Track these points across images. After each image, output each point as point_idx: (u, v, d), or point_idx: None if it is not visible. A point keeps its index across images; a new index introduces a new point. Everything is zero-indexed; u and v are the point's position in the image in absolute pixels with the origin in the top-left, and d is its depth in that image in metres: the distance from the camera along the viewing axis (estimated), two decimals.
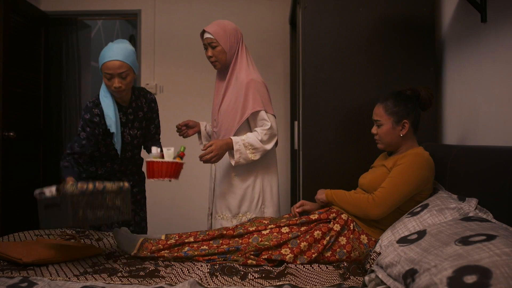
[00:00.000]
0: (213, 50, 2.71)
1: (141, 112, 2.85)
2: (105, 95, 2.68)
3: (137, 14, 4.86)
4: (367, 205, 2.21)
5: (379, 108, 2.34)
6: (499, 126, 2.22)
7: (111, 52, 2.57)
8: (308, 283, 1.89)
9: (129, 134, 2.80)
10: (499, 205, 1.78)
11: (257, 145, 2.64)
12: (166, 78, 4.78)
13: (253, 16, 4.74)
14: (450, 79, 2.85)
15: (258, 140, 2.65)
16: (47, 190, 2.27)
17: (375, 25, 2.96)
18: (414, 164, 2.20)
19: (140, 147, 2.97)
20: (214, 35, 2.68)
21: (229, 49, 2.71)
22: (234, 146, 2.64)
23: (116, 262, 2.21)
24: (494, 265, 1.21)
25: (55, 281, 1.87)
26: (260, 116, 2.66)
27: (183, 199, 4.76)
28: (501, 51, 2.21)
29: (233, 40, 2.72)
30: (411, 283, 1.40)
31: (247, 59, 2.76)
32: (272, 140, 2.69)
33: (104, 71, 2.58)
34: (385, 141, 2.34)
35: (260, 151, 2.66)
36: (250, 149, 2.65)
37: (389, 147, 2.36)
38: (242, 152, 2.64)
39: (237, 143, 2.64)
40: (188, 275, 1.98)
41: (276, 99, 4.68)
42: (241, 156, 2.64)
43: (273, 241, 2.22)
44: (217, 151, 2.61)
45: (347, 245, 2.22)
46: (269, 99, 2.73)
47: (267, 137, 2.66)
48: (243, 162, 2.66)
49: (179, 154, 2.60)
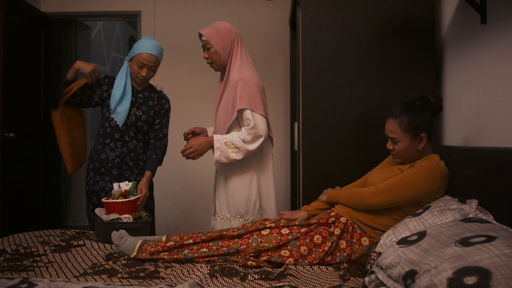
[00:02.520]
0: (208, 52, 2.74)
1: (151, 101, 3.11)
2: (121, 78, 3.03)
3: (137, 15, 4.87)
4: (367, 193, 2.25)
5: (394, 124, 2.28)
6: (500, 127, 2.22)
7: (149, 45, 2.94)
8: (308, 284, 1.89)
9: (135, 114, 3.04)
10: (500, 206, 1.78)
11: (239, 145, 2.63)
12: (166, 79, 4.78)
13: (253, 17, 4.74)
14: (450, 80, 2.85)
15: (240, 140, 2.63)
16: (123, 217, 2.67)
17: (375, 26, 2.96)
18: (429, 170, 2.18)
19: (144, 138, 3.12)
20: (206, 37, 2.72)
21: (222, 50, 2.72)
22: (214, 144, 2.66)
23: (116, 263, 2.20)
24: (494, 266, 1.21)
25: (55, 282, 1.87)
26: (245, 115, 2.64)
27: (190, 200, 4.76)
28: (501, 52, 2.21)
29: (227, 41, 2.73)
30: (411, 284, 1.40)
31: (241, 59, 2.75)
32: (257, 140, 2.65)
33: (138, 60, 2.94)
34: (404, 156, 2.31)
35: (242, 151, 2.65)
36: (232, 147, 2.65)
37: (408, 161, 2.33)
38: (223, 150, 2.65)
39: (218, 141, 2.66)
40: (188, 276, 1.98)
41: (276, 100, 4.69)
42: (222, 155, 2.65)
43: (273, 242, 2.22)
44: (196, 147, 2.67)
45: (347, 248, 2.22)
46: (259, 98, 2.68)
47: (251, 137, 2.63)
48: (224, 161, 2.67)
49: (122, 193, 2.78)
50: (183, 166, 4.59)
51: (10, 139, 3.95)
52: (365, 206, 2.26)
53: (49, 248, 2.45)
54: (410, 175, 2.20)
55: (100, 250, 2.46)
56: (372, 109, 2.93)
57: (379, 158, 2.70)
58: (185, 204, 4.76)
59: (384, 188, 2.21)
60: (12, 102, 4.04)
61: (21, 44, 4.32)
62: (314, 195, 2.71)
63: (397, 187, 2.19)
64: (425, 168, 2.19)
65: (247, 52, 2.81)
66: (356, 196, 2.30)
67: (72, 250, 2.43)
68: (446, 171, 2.22)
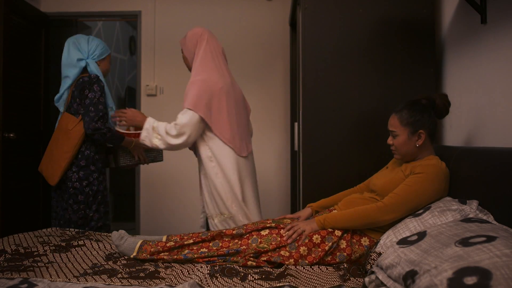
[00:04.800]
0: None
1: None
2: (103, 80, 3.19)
3: (137, 15, 4.86)
4: (378, 212, 2.17)
5: (394, 118, 2.30)
6: (500, 127, 2.22)
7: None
8: (308, 285, 1.89)
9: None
10: (500, 206, 1.78)
11: (162, 134, 2.74)
12: (167, 80, 4.78)
13: (253, 17, 4.74)
14: (450, 80, 2.86)
15: (164, 131, 2.73)
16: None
17: (375, 26, 2.96)
18: (432, 176, 2.16)
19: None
20: (180, 44, 2.94)
21: (188, 54, 2.89)
22: (144, 124, 2.78)
23: (116, 263, 2.21)
24: (494, 266, 1.21)
25: (55, 282, 1.87)
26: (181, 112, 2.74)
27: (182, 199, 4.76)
28: (501, 52, 2.21)
29: (191, 45, 2.87)
30: (411, 284, 1.40)
31: (199, 61, 2.83)
32: (180, 137, 2.70)
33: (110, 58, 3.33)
34: (402, 151, 2.31)
35: (163, 142, 2.74)
36: (156, 134, 2.75)
37: (406, 157, 2.33)
38: (149, 133, 2.77)
39: (148, 122, 2.79)
40: (188, 276, 1.98)
41: (276, 100, 4.69)
42: (147, 136, 2.78)
43: (272, 244, 2.22)
44: (129, 116, 2.89)
45: (347, 248, 2.21)
46: (201, 99, 2.70)
47: (175, 132, 2.70)
48: (148, 143, 2.78)
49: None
50: (178, 163, 4.59)
51: (10, 139, 3.94)
52: (378, 224, 2.20)
53: (49, 248, 2.46)
54: (414, 186, 2.15)
55: (100, 250, 2.46)
56: (372, 109, 2.93)
57: (379, 158, 2.71)
58: (184, 202, 4.75)
59: (393, 202, 2.15)
60: (12, 102, 4.04)
61: (21, 44, 4.31)
62: (314, 196, 2.71)
63: (404, 200, 2.14)
64: (428, 175, 2.16)
65: (208, 50, 2.85)
66: (365, 218, 2.20)
67: (72, 250, 2.43)
68: (447, 173, 2.22)
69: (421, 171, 2.18)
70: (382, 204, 2.17)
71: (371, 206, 2.21)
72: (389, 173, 2.41)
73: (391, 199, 2.17)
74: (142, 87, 4.79)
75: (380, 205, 2.18)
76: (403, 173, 2.28)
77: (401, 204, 2.15)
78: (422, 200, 2.14)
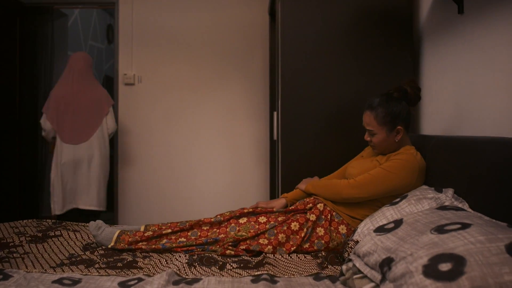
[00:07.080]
0: None
1: None
2: None
3: (114, 3, 4.77)
4: (347, 187, 2.25)
5: (370, 117, 2.30)
6: (476, 116, 2.25)
7: None
8: (286, 273, 1.90)
9: None
10: (475, 194, 1.80)
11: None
12: (145, 68, 4.72)
13: (232, 7, 4.71)
14: (428, 70, 2.88)
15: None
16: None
17: (354, 16, 2.96)
18: (406, 164, 2.20)
19: None
20: None
21: None
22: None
23: (93, 254, 2.19)
24: (469, 253, 1.22)
25: (31, 273, 1.85)
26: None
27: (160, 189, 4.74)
28: (478, 42, 2.23)
29: None
30: (387, 271, 1.41)
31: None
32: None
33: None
34: (381, 148, 2.34)
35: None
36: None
37: (385, 151, 2.35)
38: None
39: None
40: (166, 266, 1.98)
41: (256, 90, 4.68)
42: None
43: (251, 232, 2.22)
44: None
45: (325, 236, 2.23)
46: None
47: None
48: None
49: None
50: (159, 155, 4.57)
51: None
52: (342, 198, 2.28)
53: (25, 239, 2.43)
54: (388, 169, 2.21)
55: (77, 240, 2.44)
56: (351, 98, 2.94)
57: (357, 148, 2.72)
58: (163, 192, 4.74)
59: (362, 181, 2.23)
60: None
61: None
62: (293, 185, 2.71)
63: (375, 181, 2.20)
64: (403, 161, 2.20)
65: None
66: (334, 188, 2.31)
67: (49, 240, 2.40)
68: (423, 164, 2.24)
69: (397, 157, 2.23)
70: (354, 181, 2.25)
71: (343, 181, 2.31)
72: (364, 163, 2.43)
73: (363, 177, 2.24)
74: (120, 76, 4.73)
75: (351, 181, 2.26)
76: (378, 163, 2.31)
77: (369, 183, 2.21)
78: (391, 184, 2.19)
